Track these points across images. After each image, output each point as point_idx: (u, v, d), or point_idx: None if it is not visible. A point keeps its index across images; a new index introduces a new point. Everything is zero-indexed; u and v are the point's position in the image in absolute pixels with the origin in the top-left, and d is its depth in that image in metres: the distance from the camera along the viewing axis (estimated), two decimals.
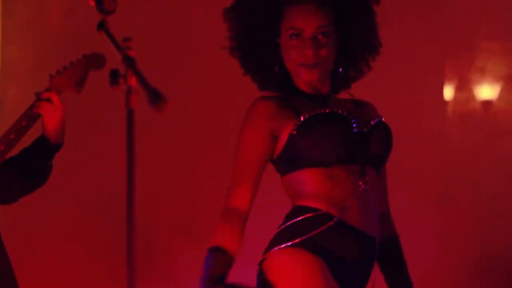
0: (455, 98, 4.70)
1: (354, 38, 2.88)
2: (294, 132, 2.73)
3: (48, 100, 2.96)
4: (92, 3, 2.11)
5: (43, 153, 2.99)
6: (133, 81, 1.83)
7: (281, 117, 2.78)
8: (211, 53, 4.30)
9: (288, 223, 2.74)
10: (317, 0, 2.82)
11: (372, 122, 2.81)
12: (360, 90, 2.97)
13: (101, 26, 1.99)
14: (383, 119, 2.87)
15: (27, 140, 3.01)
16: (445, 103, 4.71)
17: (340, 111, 2.77)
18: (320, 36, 2.79)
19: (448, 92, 4.70)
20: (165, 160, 4.36)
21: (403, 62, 4.39)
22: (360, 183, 2.72)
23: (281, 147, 2.77)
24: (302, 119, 2.74)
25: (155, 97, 1.68)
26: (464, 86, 4.68)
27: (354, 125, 2.76)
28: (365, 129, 2.78)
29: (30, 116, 2.98)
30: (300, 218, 2.72)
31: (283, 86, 2.89)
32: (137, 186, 1.86)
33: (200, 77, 4.49)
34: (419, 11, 4.38)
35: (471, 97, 4.68)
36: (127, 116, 1.86)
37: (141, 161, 1.93)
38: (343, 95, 2.96)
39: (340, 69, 2.89)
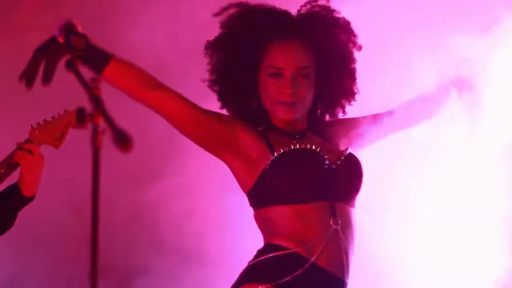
0: None
1: (332, 81, 2.87)
2: (267, 168, 2.73)
3: (30, 151, 2.94)
4: (61, 40, 2.11)
5: (13, 204, 2.97)
6: (100, 120, 1.82)
7: (254, 146, 2.78)
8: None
9: (257, 260, 2.73)
10: (299, 40, 2.82)
11: (342, 157, 2.80)
12: None
13: (70, 64, 1.99)
14: (351, 151, 2.85)
15: None
16: None
17: (313, 147, 2.77)
18: (299, 77, 2.78)
19: None
20: (129, 172, 4.35)
21: None
22: (330, 223, 2.72)
23: (254, 181, 2.76)
24: (276, 155, 2.74)
25: (121, 138, 1.68)
26: None
27: (326, 162, 2.76)
28: (334, 166, 2.78)
29: (9, 165, 2.95)
30: (269, 256, 2.71)
31: (260, 122, 2.87)
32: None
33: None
34: None
35: None
36: (93, 154, 1.85)
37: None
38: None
39: (319, 111, 2.89)
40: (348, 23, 2.90)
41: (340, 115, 2.95)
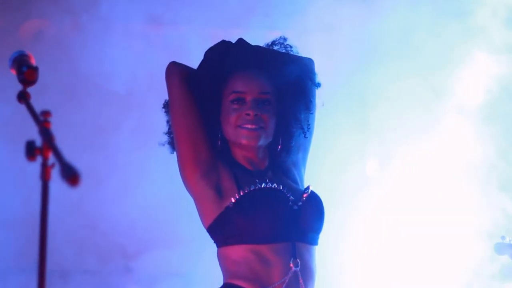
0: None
1: (289, 114, 2.87)
2: (231, 206, 2.71)
3: None
4: (14, 72, 2.11)
5: None
6: (49, 154, 1.83)
7: (226, 179, 2.75)
8: None
9: None
10: (260, 69, 2.83)
11: (304, 196, 2.79)
12: None
13: (21, 96, 1.99)
14: (312, 189, 2.84)
15: None
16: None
17: (280, 187, 2.76)
18: (261, 103, 2.78)
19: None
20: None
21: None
22: (290, 265, 2.69)
23: (215, 216, 2.73)
24: (241, 193, 2.71)
25: (69, 172, 1.68)
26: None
27: (290, 202, 2.75)
28: (296, 206, 2.76)
29: None
30: None
31: (223, 159, 2.84)
32: None
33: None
34: None
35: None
36: (42, 187, 1.85)
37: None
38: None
39: (279, 146, 2.87)
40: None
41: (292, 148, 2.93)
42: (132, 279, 4.57)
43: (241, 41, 2.89)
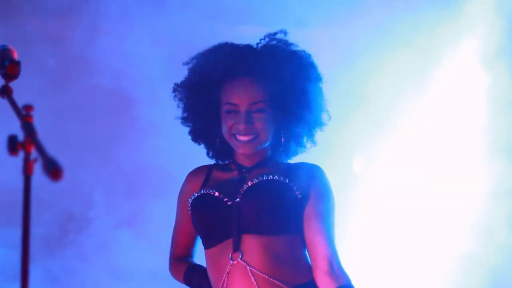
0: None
1: (290, 114, 2.88)
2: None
3: None
4: None
5: None
6: (32, 148, 1.82)
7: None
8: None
9: None
10: (252, 76, 2.85)
11: (242, 191, 2.81)
12: None
13: (3, 91, 1.98)
14: (269, 178, 2.82)
15: None
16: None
17: (212, 193, 2.84)
18: (254, 112, 2.82)
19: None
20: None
21: None
22: (229, 259, 2.76)
23: None
24: (189, 201, 2.90)
25: (51, 166, 1.67)
26: None
27: (224, 200, 2.82)
28: (230, 202, 2.82)
29: None
30: None
31: (224, 156, 2.97)
32: None
33: None
34: None
35: None
36: (24, 182, 1.84)
37: None
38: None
39: (282, 138, 2.90)
40: (307, 56, 2.92)
41: (309, 145, 2.97)
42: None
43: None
